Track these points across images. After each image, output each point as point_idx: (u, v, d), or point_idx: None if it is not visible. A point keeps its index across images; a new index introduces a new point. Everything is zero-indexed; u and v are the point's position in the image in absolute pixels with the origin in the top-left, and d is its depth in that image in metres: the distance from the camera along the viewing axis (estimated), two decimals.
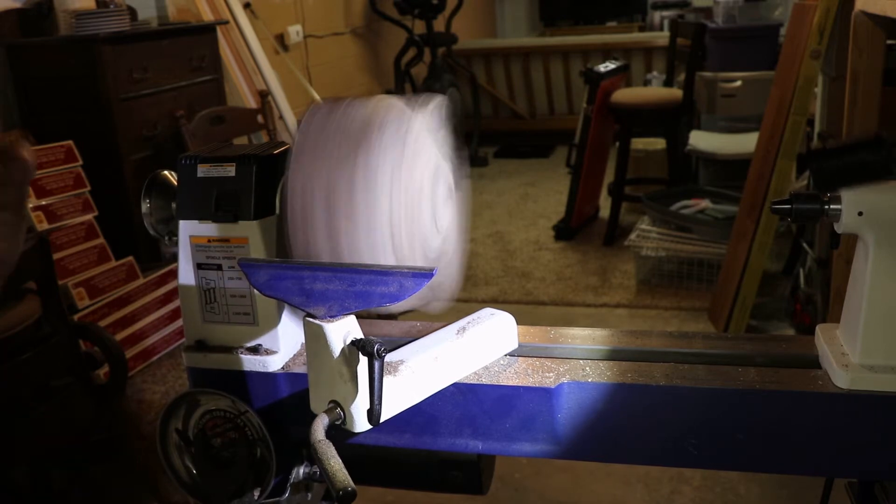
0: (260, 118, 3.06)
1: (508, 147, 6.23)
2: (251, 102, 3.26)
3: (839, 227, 0.84)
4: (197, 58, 2.86)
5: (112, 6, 2.59)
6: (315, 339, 0.79)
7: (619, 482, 2.21)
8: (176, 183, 0.97)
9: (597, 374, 0.89)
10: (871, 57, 2.04)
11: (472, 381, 0.90)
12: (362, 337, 0.77)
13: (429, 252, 0.86)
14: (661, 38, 5.67)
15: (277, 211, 0.94)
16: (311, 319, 0.79)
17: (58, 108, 2.54)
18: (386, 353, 0.74)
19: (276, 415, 0.94)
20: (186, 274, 0.95)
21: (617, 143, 4.06)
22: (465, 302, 3.43)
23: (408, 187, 0.82)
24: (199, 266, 0.94)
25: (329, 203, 0.81)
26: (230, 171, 0.92)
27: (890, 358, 0.83)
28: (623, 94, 4.08)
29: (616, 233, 4.03)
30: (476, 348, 0.92)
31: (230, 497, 0.95)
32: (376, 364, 0.74)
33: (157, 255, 2.56)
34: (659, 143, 4.26)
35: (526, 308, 3.37)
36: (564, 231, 4.13)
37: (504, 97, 6.26)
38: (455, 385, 0.89)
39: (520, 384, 0.88)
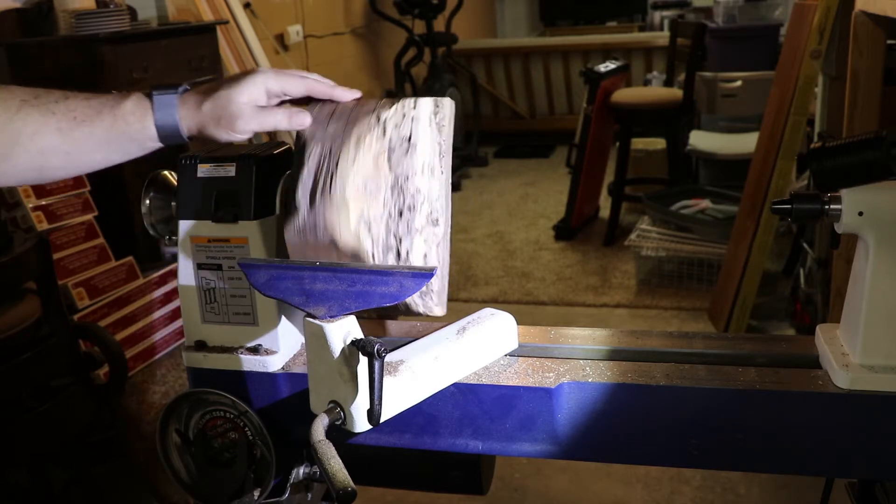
0: None
1: (508, 147, 6.23)
2: None
3: (839, 227, 0.84)
4: (197, 58, 2.85)
5: (112, 6, 2.59)
6: (315, 339, 0.79)
7: (619, 482, 2.21)
8: (176, 183, 0.97)
9: (597, 374, 0.89)
10: (871, 57, 2.04)
11: (472, 381, 0.90)
12: (362, 337, 0.77)
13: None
14: (661, 38, 5.67)
15: (277, 211, 0.94)
16: (311, 319, 0.79)
17: None
18: (386, 353, 0.74)
19: (276, 415, 0.94)
20: (186, 274, 0.95)
21: (617, 143, 4.06)
22: (465, 302, 3.43)
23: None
24: (199, 266, 0.94)
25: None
26: (230, 171, 0.92)
27: (890, 358, 0.83)
28: (623, 94, 4.08)
29: (616, 233, 4.03)
30: (476, 348, 0.92)
31: (230, 497, 0.95)
32: (376, 364, 0.74)
33: (157, 255, 2.55)
34: (659, 143, 4.26)
35: (526, 308, 3.37)
36: (564, 231, 4.13)
37: (504, 97, 6.26)
38: (455, 385, 0.89)
39: (520, 384, 0.88)
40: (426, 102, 0.87)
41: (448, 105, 0.89)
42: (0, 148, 0.80)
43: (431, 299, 0.90)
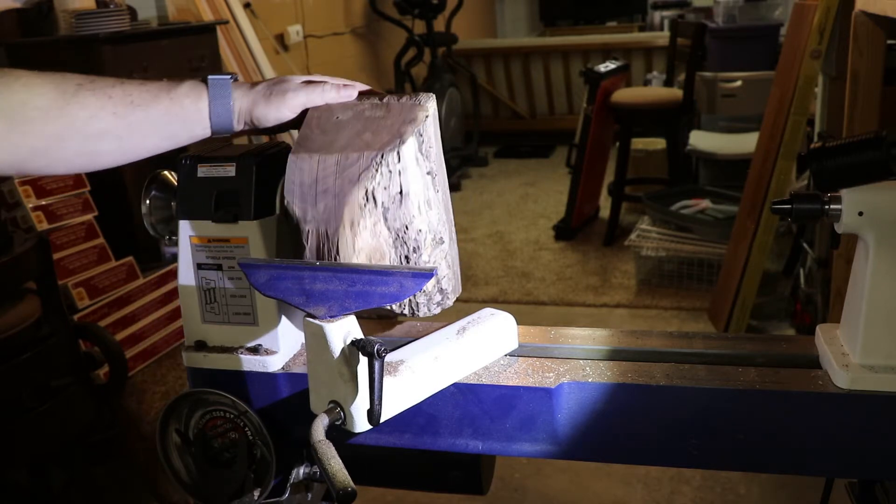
0: None
1: (508, 147, 6.23)
2: None
3: (839, 227, 0.84)
4: (197, 58, 2.85)
5: (112, 6, 2.59)
6: (315, 339, 0.79)
7: (619, 482, 2.21)
8: (176, 183, 0.97)
9: (597, 374, 0.89)
10: (871, 57, 2.04)
11: (472, 381, 0.90)
12: (362, 337, 0.77)
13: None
14: (661, 38, 5.67)
15: (277, 211, 0.94)
16: (311, 319, 0.79)
17: None
18: (386, 353, 0.74)
19: (276, 415, 0.94)
20: (186, 274, 0.95)
21: (617, 143, 4.06)
22: (465, 302, 3.43)
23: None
24: (199, 266, 0.94)
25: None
26: (230, 171, 0.92)
27: (890, 358, 0.83)
28: (623, 94, 4.08)
29: (616, 233, 4.03)
30: (476, 348, 0.92)
31: (230, 497, 0.95)
32: (376, 364, 0.74)
33: (157, 255, 2.55)
34: (659, 143, 4.26)
35: (526, 308, 3.37)
36: (564, 231, 4.13)
37: (504, 97, 6.26)
38: (455, 385, 0.89)
39: (520, 384, 0.88)
40: (410, 145, 0.84)
41: (430, 116, 0.87)
42: (54, 132, 0.80)
43: (448, 298, 0.91)
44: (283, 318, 0.94)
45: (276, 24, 4.15)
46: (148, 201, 0.97)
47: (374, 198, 0.83)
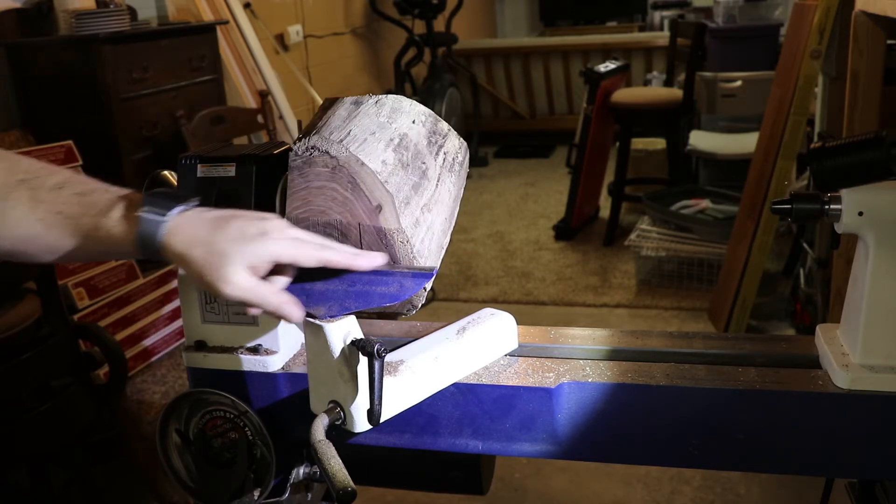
0: (260, 118, 3.06)
1: (508, 147, 6.23)
2: (251, 102, 3.26)
3: (839, 227, 0.84)
4: (197, 58, 2.86)
5: (112, 6, 2.59)
6: (315, 339, 0.79)
7: (619, 482, 2.21)
8: (176, 183, 0.97)
9: (597, 374, 0.89)
10: (871, 57, 2.04)
11: (472, 381, 0.90)
12: (362, 337, 0.77)
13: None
14: (661, 38, 5.67)
15: (277, 211, 0.94)
16: (311, 319, 0.79)
17: (58, 108, 2.53)
18: (386, 353, 0.74)
19: (276, 415, 0.94)
20: None
21: (617, 143, 4.06)
22: (465, 302, 3.43)
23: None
24: None
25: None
26: (230, 171, 0.92)
27: (890, 358, 0.83)
28: (623, 94, 4.08)
29: (616, 233, 4.03)
30: (476, 348, 0.92)
31: (230, 497, 0.95)
32: (376, 364, 0.74)
33: None
34: (659, 143, 4.26)
35: (526, 308, 3.37)
36: (564, 231, 4.13)
37: (504, 97, 6.26)
38: (455, 385, 0.89)
39: (520, 384, 0.88)
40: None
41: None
42: None
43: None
44: None
45: (276, 24, 4.15)
46: None
47: None
